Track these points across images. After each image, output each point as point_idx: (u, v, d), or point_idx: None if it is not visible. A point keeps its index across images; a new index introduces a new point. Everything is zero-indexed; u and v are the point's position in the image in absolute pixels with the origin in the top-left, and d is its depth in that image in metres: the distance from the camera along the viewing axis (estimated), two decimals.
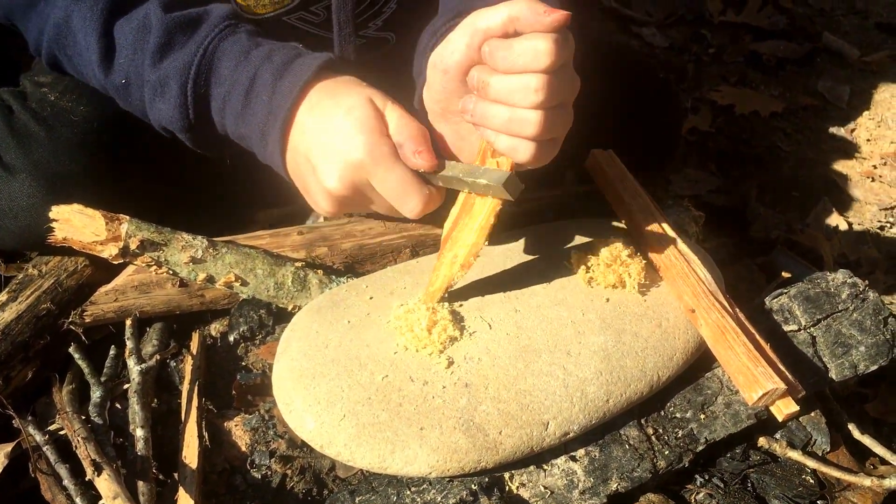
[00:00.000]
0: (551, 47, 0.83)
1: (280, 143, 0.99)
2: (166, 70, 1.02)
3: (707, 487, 1.01)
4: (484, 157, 0.97)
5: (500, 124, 0.89)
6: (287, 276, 1.13)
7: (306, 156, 0.97)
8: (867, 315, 1.11)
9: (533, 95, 0.85)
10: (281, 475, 1.01)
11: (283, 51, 1.02)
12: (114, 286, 1.13)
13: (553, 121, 0.88)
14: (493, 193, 0.94)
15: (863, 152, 2.08)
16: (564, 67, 0.87)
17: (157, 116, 1.06)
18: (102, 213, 1.08)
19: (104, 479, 0.92)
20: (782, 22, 2.53)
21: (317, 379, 0.96)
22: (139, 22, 1.03)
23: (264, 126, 1.00)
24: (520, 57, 0.84)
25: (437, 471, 0.92)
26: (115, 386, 1.10)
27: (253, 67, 1.01)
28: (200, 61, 1.02)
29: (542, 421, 0.95)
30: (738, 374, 0.99)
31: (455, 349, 0.99)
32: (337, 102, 0.97)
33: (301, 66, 1.00)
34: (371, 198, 0.98)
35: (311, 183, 0.99)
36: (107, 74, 1.06)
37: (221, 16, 1.05)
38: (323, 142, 0.95)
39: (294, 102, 0.98)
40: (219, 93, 1.03)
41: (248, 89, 1.01)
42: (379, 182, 0.94)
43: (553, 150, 0.93)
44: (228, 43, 1.03)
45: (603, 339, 1.02)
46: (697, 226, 1.31)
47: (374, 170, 0.93)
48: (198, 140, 1.07)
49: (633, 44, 2.42)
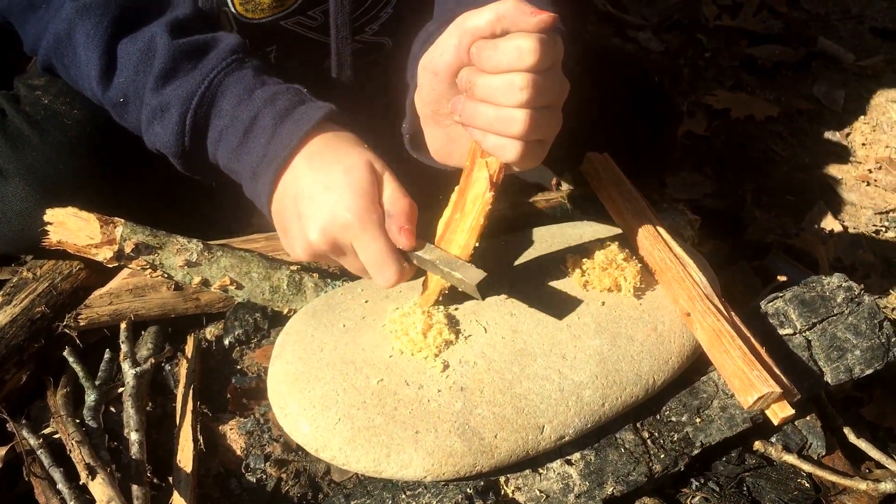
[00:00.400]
0: (535, 46, 0.83)
1: (270, 186, 1.00)
2: (168, 97, 1.02)
3: (703, 491, 1.01)
4: (474, 158, 0.97)
5: (486, 123, 0.89)
6: (282, 279, 1.12)
7: (294, 201, 0.97)
8: (862, 319, 1.11)
9: (518, 94, 0.85)
10: (276, 479, 1.01)
11: (287, 95, 1.02)
12: (108, 289, 1.13)
13: (539, 121, 0.88)
14: (465, 289, 0.96)
15: (858, 156, 2.08)
16: (552, 69, 0.87)
17: (153, 139, 1.06)
18: (97, 216, 1.08)
19: (98, 482, 0.92)
20: (777, 26, 2.53)
21: (312, 383, 0.96)
22: (144, 44, 1.03)
23: (257, 167, 1.00)
24: (504, 56, 0.84)
25: (433, 475, 0.91)
26: (109, 389, 1.10)
27: (255, 108, 1.01)
28: (204, 93, 1.02)
29: (538, 425, 0.95)
30: (734, 377, 0.99)
31: (450, 353, 0.99)
32: (338, 158, 0.97)
33: (303, 114, 1.00)
34: (346, 257, 0.99)
35: (293, 228, 0.99)
36: (104, 90, 1.06)
37: (229, 48, 1.04)
38: (314, 193, 0.96)
39: (292, 150, 0.98)
40: (217, 125, 1.03)
41: (247, 129, 1.01)
42: (361, 247, 0.95)
43: (541, 151, 0.93)
44: (233, 78, 1.03)
45: (598, 343, 1.02)
46: (693, 229, 1.31)
47: (359, 234, 0.94)
48: (188, 165, 1.08)
49: (629, 48, 2.42)
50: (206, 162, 1.07)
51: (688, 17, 2.57)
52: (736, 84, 2.33)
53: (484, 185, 0.94)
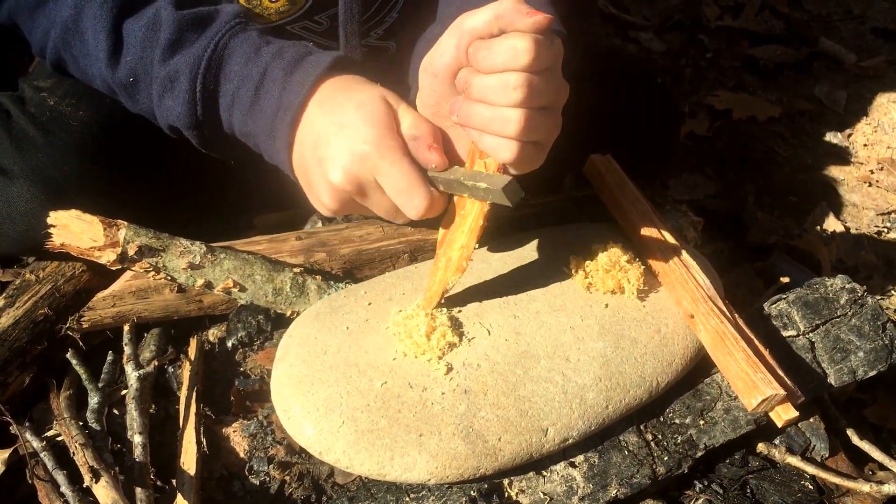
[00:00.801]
0: (530, 46, 0.82)
1: (288, 139, 0.98)
2: (176, 65, 1.01)
3: (706, 493, 1.01)
4: (472, 159, 0.96)
5: (482, 123, 0.89)
6: (285, 281, 1.12)
7: (313, 148, 0.96)
8: (866, 320, 1.11)
9: (512, 93, 0.84)
10: (279, 481, 1.01)
11: (294, 48, 1.01)
12: (111, 292, 1.13)
13: (536, 122, 0.87)
14: (493, 198, 0.94)
15: (860, 157, 2.08)
16: (550, 71, 0.87)
17: (165, 114, 1.05)
18: (100, 218, 1.08)
19: (102, 485, 0.92)
20: (779, 27, 2.53)
21: (315, 385, 0.96)
22: (149, 19, 1.03)
23: (273, 121, 0.99)
24: (499, 55, 0.84)
25: (436, 477, 0.91)
26: (112, 392, 1.10)
27: (263, 63, 1.00)
28: (211, 56, 1.01)
29: (542, 427, 0.95)
30: (737, 379, 0.99)
31: (454, 355, 0.99)
32: (349, 97, 0.96)
33: (313, 62, 0.99)
34: (373, 197, 0.96)
35: (315, 176, 0.97)
36: (114, 72, 1.05)
37: (232, 14, 1.04)
38: (330, 133, 0.94)
39: (305, 97, 0.96)
40: (228, 89, 1.02)
41: (258, 85, 1.00)
42: (384, 176, 0.92)
43: (538, 154, 0.93)
44: (239, 40, 1.02)
45: (602, 345, 1.02)
46: (696, 231, 1.31)
47: (380, 163, 0.92)
48: (204, 138, 1.06)
49: (631, 48, 2.42)
50: (222, 133, 1.06)
51: (689, 17, 2.57)
52: (738, 85, 2.33)
53: None
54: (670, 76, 2.32)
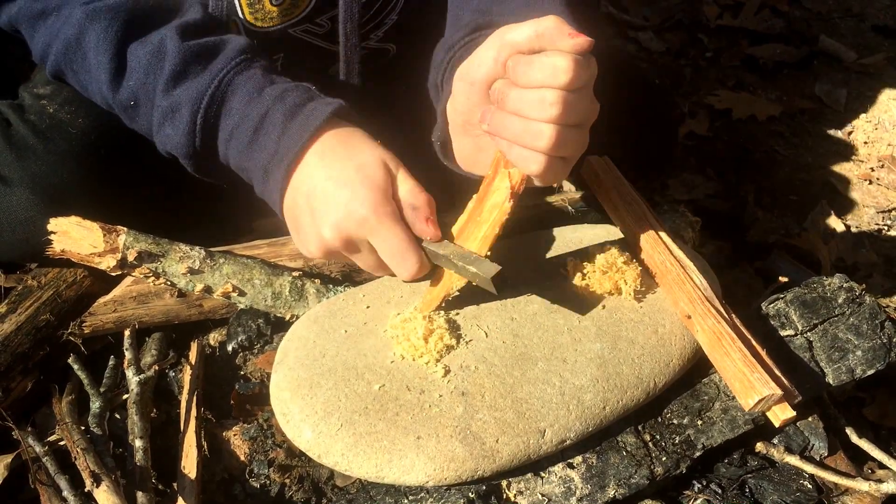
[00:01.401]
0: (571, 66, 0.84)
1: (282, 183, 1.00)
2: (179, 97, 1.03)
3: (705, 493, 1.01)
4: (497, 167, 0.97)
5: (513, 135, 0.90)
6: (284, 285, 1.13)
7: (307, 198, 0.98)
8: (864, 319, 1.11)
9: (548, 109, 0.86)
10: (280, 484, 1.01)
11: (297, 92, 1.03)
12: (112, 297, 1.13)
13: (566, 138, 0.89)
14: (479, 283, 0.98)
15: (860, 155, 2.08)
16: (584, 90, 0.88)
17: (163, 140, 1.07)
18: (100, 224, 1.09)
19: (103, 490, 0.93)
20: (779, 25, 2.53)
21: (314, 389, 0.97)
22: (154, 47, 1.04)
23: (269, 164, 1.01)
24: (539, 72, 0.85)
25: (435, 479, 0.92)
26: (114, 396, 1.10)
27: (265, 105, 1.02)
28: (214, 92, 1.03)
29: (539, 429, 0.95)
30: (735, 380, 0.99)
31: (451, 358, 0.99)
32: (350, 155, 0.98)
33: (314, 110, 1.01)
34: (361, 254, 1.00)
35: (306, 225, 1.00)
36: (115, 94, 1.07)
37: (238, 49, 1.06)
38: (328, 189, 0.97)
39: (304, 146, 0.99)
40: (227, 124, 1.04)
41: (257, 126, 1.02)
42: (379, 241, 0.96)
43: (564, 169, 0.94)
44: (243, 77, 1.04)
45: (599, 347, 1.02)
46: (694, 231, 1.31)
47: (377, 227, 0.95)
48: (199, 167, 1.09)
49: (630, 48, 2.43)
50: (217, 163, 1.08)
51: (689, 16, 2.57)
52: (737, 84, 2.33)
53: (504, 195, 0.95)
54: (670, 76, 2.33)
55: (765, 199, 1.91)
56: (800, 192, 1.95)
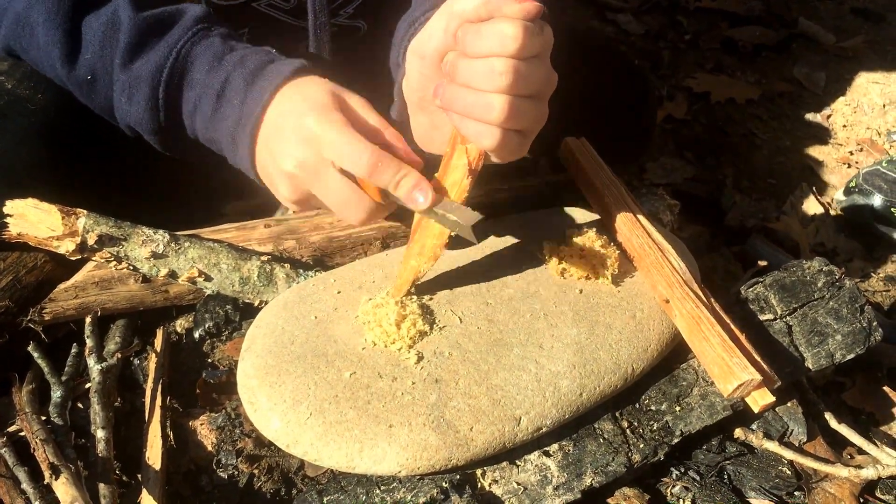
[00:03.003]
0: (519, 32, 0.81)
1: (250, 147, 0.98)
2: (137, 71, 1.00)
3: (683, 480, 1.00)
4: (454, 145, 0.95)
5: (465, 108, 0.87)
6: (253, 270, 1.10)
7: (266, 143, 0.96)
8: (843, 303, 1.10)
9: (497, 79, 0.83)
10: (248, 475, 0.98)
11: (256, 56, 1.00)
12: (74, 283, 1.10)
13: (520, 109, 0.85)
14: (460, 232, 0.94)
15: (839, 138, 2.07)
16: (538, 58, 0.85)
17: (125, 116, 1.03)
18: (59, 207, 1.05)
19: (62, 482, 0.90)
20: (758, 8, 2.52)
21: (282, 376, 0.94)
22: (108, 18, 1.01)
23: (234, 130, 0.98)
24: (487, 41, 0.82)
25: (407, 469, 0.89)
26: (76, 385, 1.07)
27: (225, 72, 0.99)
28: (173, 65, 1.00)
29: (515, 416, 0.93)
30: (713, 365, 0.97)
31: (425, 344, 0.97)
32: (299, 90, 0.95)
33: (274, 71, 0.98)
34: (325, 178, 0.94)
35: (272, 172, 0.97)
36: (70, 70, 1.04)
37: (195, 18, 1.02)
38: (280, 126, 0.94)
39: (264, 106, 0.96)
40: (190, 97, 1.01)
41: (219, 94, 0.99)
42: (328, 145, 0.90)
43: (522, 143, 0.91)
44: (202, 47, 1.01)
45: (576, 332, 1.00)
46: (672, 215, 1.29)
47: (322, 134, 0.90)
48: (166, 142, 1.05)
49: (609, 31, 2.41)
50: (185, 137, 1.05)
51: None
52: (716, 66, 2.32)
53: (462, 172, 0.92)
54: (648, 58, 2.31)
55: (743, 183, 1.90)
56: (778, 176, 1.94)
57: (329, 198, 0.95)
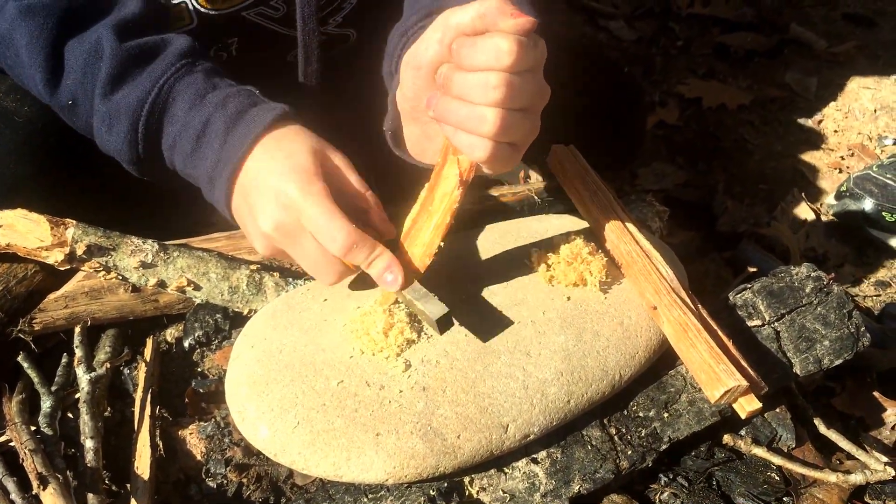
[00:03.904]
0: (513, 47, 0.81)
1: (227, 190, 0.98)
2: (117, 104, 1.00)
3: (671, 487, 1.00)
4: (445, 155, 0.95)
5: (458, 120, 0.87)
6: (242, 279, 1.10)
7: (245, 196, 0.97)
8: (831, 309, 1.10)
9: (491, 92, 0.83)
10: (237, 484, 0.99)
11: (238, 98, 1.00)
12: (63, 292, 1.10)
13: (513, 123, 0.86)
14: (425, 321, 0.97)
15: (830, 143, 2.08)
16: (532, 72, 0.86)
17: (104, 145, 1.04)
18: (48, 217, 1.05)
19: (50, 492, 0.90)
20: (750, 14, 2.52)
21: (270, 385, 0.94)
22: (91, 45, 1.01)
23: (212, 172, 0.99)
24: (482, 54, 0.83)
25: (394, 477, 0.90)
26: (66, 395, 1.07)
27: (206, 113, 0.99)
28: (155, 100, 1.00)
29: (502, 424, 0.93)
30: (700, 371, 0.98)
31: (412, 352, 0.97)
32: (281, 146, 0.96)
33: (255, 116, 0.98)
34: (301, 244, 0.96)
35: (249, 224, 0.98)
36: (52, 93, 1.04)
37: (178, 52, 1.02)
38: (260, 183, 0.95)
39: (243, 154, 0.96)
40: (170, 132, 1.01)
41: (199, 134, 0.99)
42: (307, 217, 0.92)
43: (513, 156, 0.91)
44: (184, 84, 1.01)
45: (563, 339, 1.00)
46: (661, 221, 1.30)
47: (303, 204, 0.91)
48: (144, 172, 1.06)
49: (601, 37, 2.41)
50: (164, 168, 1.06)
51: (660, 5, 2.56)
52: (708, 72, 2.32)
53: (453, 183, 0.93)
54: (640, 64, 2.31)
55: (735, 189, 1.90)
56: (770, 181, 1.94)
57: (303, 260, 0.97)
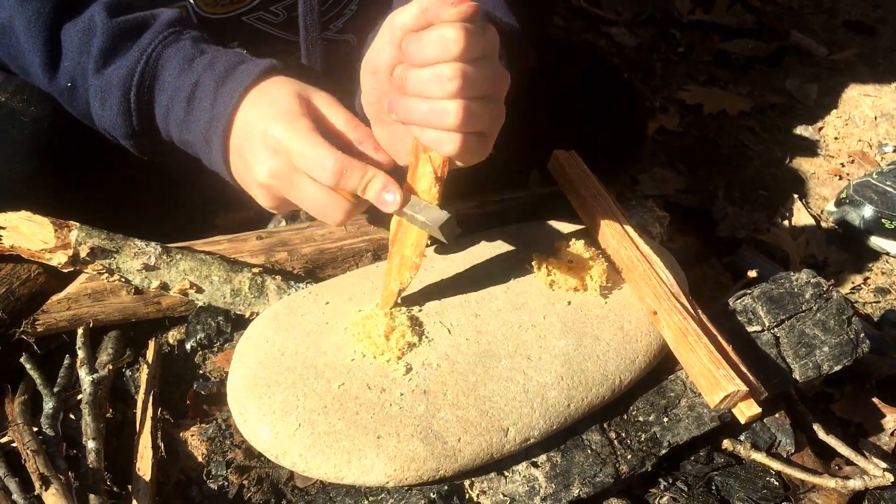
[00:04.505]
0: (459, 35, 0.81)
1: (222, 148, 0.98)
2: (109, 76, 1.01)
3: (671, 491, 1.00)
4: (417, 154, 0.95)
5: (421, 118, 0.87)
6: (244, 282, 1.11)
7: (239, 151, 0.96)
8: (831, 315, 1.10)
9: (447, 84, 0.83)
10: (238, 486, 0.99)
11: (226, 57, 1.00)
12: (66, 294, 1.10)
13: (475, 112, 0.85)
14: (429, 232, 0.94)
15: (830, 150, 2.08)
16: (485, 59, 0.85)
17: (101, 121, 1.04)
18: (51, 219, 1.06)
19: (52, 493, 0.90)
20: (750, 21, 2.53)
21: (272, 388, 0.95)
22: (84, 24, 1.01)
23: (207, 132, 0.98)
24: (429, 48, 0.82)
25: (395, 480, 0.90)
26: (68, 397, 1.07)
27: (195, 74, 0.99)
28: (144, 69, 1.00)
29: (502, 427, 0.93)
30: (700, 376, 0.98)
31: (413, 355, 0.97)
32: (265, 94, 0.95)
33: (243, 71, 0.98)
34: (300, 186, 0.94)
35: (247, 179, 0.97)
36: (52, 78, 1.04)
37: (166, 22, 1.03)
38: (248, 133, 0.94)
39: (234, 107, 0.96)
40: (162, 100, 1.01)
41: (189, 96, 0.99)
42: (296, 154, 0.91)
43: (483, 145, 0.91)
44: (172, 50, 1.01)
45: (564, 343, 1.00)
46: (662, 226, 1.30)
47: (290, 144, 0.90)
48: (142, 146, 1.06)
49: (602, 43, 2.42)
50: (160, 140, 1.05)
51: (661, 11, 2.56)
52: (709, 79, 2.33)
53: (429, 181, 0.93)
54: (641, 71, 2.32)
55: (735, 195, 1.90)
56: (770, 188, 1.95)
57: (305, 203, 0.95)
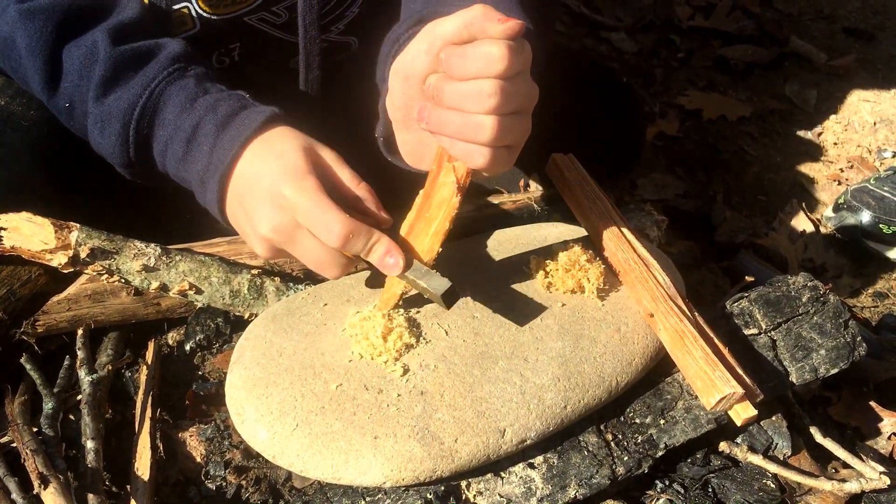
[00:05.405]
0: (504, 53, 0.82)
1: (219, 194, 0.99)
2: (110, 107, 1.02)
3: (667, 493, 1.01)
4: (440, 162, 0.96)
5: (454, 130, 0.88)
6: (243, 283, 1.11)
7: (240, 200, 0.97)
8: (827, 318, 1.11)
9: (486, 101, 0.84)
10: (236, 486, 0.99)
11: (229, 101, 1.01)
12: (66, 295, 1.11)
13: (508, 127, 0.87)
14: (432, 298, 0.96)
15: (829, 156, 2.09)
16: (521, 75, 0.86)
17: (98, 148, 1.05)
18: (52, 220, 1.06)
19: (50, 492, 0.90)
20: (750, 26, 2.54)
21: (270, 388, 0.95)
22: (87, 49, 1.02)
23: (203, 175, 1.00)
24: (473, 63, 0.83)
25: (392, 480, 0.90)
26: (68, 397, 1.08)
27: (197, 116, 1.00)
28: (146, 104, 1.01)
29: (499, 428, 0.94)
30: (696, 378, 0.98)
31: (411, 357, 0.98)
32: (272, 148, 0.97)
33: (244, 119, 0.99)
34: (301, 242, 0.96)
35: (246, 228, 0.98)
36: (50, 96, 1.06)
37: (171, 56, 1.04)
38: (253, 186, 0.95)
39: (234, 157, 0.97)
40: (161, 136, 1.02)
41: (189, 137, 1.00)
42: (302, 213, 0.93)
43: (510, 157, 0.92)
44: (176, 87, 1.02)
45: (561, 345, 1.01)
46: (660, 230, 1.31)
47: (297, 202, 0.92)
48: (137, 175, 1.08)
49: (602, 49, 2.43)
50: (156, 172, 1.07)
51: (661, 17, 2.58)
52: (708, 84, 2.33)
53: (451, 190, 0.93)
54: (642, 76, 2.33)
55: (734, 199, 1.91)
56: (769, 193, 1.95)
57: (305, 258, 0.98)
